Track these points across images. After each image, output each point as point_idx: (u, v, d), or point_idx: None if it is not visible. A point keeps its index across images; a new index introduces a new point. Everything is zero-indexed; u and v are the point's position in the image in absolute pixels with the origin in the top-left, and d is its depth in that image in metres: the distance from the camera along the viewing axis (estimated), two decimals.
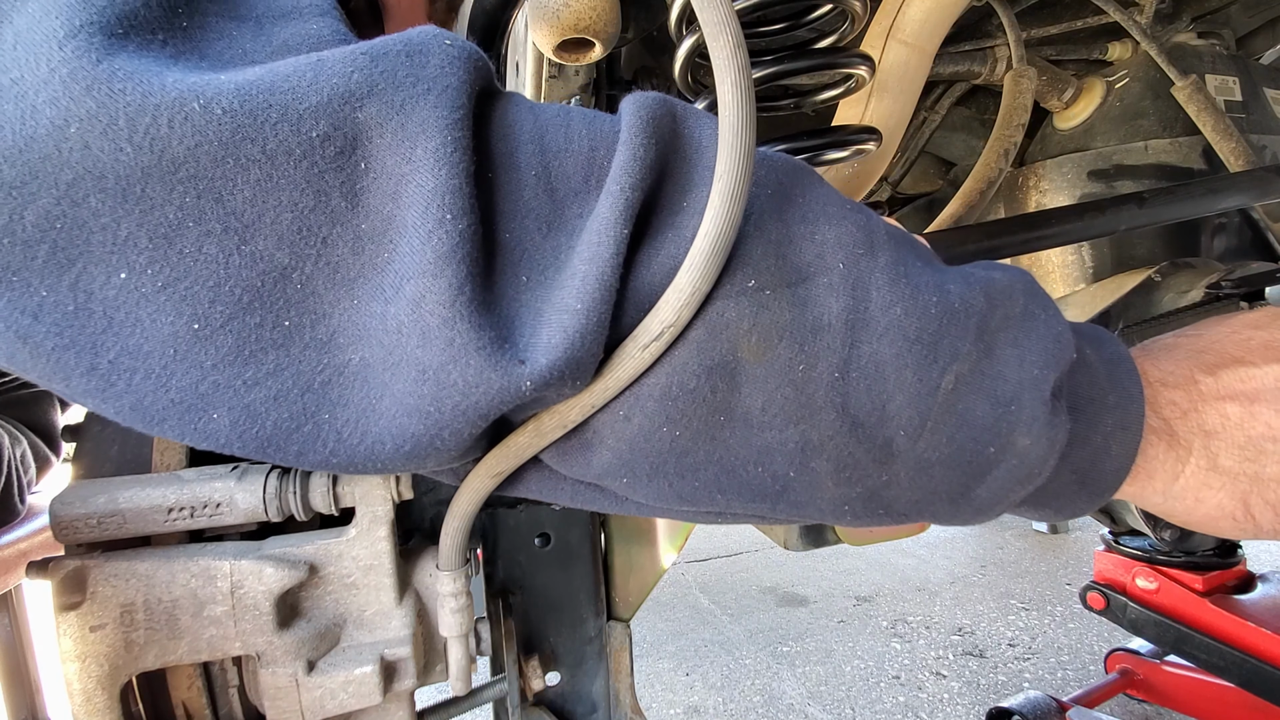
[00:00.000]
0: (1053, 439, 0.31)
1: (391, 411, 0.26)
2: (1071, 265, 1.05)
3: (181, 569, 0.40)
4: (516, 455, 0.31)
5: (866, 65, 0.61)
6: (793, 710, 1.69)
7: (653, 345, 0.27)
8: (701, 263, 0.26)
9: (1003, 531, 2.81)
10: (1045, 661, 1.84)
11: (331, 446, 0.26)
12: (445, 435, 0.26)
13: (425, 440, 0.26)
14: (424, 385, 0.25)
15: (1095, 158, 1.02)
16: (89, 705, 0.39)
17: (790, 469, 0.30)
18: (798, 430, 0.29)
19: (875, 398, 0.29)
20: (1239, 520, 0.35)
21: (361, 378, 0.26)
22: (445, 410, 0.25)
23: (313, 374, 0.25)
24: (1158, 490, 0.35)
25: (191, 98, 0.22)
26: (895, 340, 0.29)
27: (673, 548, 0.64)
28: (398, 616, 0.45)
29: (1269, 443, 0.34)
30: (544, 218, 0.28)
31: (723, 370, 0.28)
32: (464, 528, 0.41)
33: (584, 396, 0.28)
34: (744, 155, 0.27)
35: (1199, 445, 0.34)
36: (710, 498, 0.31)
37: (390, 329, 0.25)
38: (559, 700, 0.66)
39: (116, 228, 0.23)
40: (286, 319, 0.25)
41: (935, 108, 1.17)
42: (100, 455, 0.45)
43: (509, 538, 0.63)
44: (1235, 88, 1.00)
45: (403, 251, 0.25)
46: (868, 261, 0.30)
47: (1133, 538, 1.20)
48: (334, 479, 0.44)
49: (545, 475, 0.33)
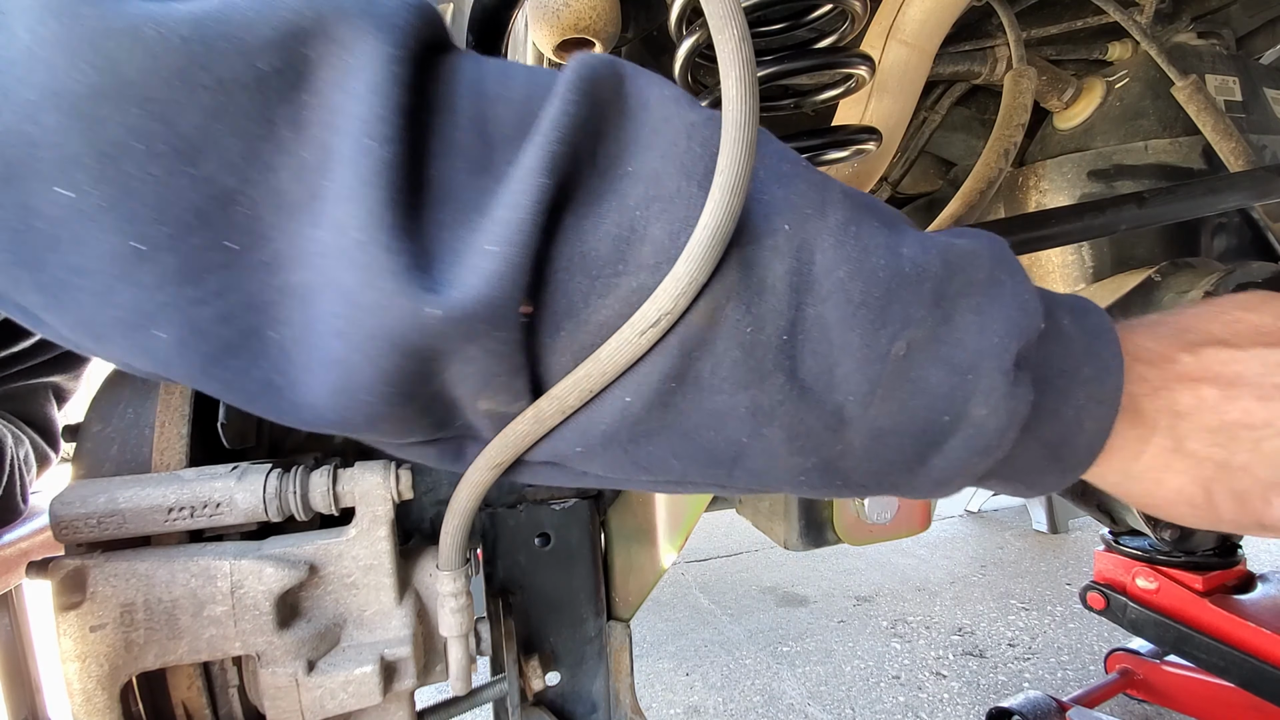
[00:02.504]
0: (1012, 410, 0.30)
1: (321, 332, 0.26)
2: (1071, 265, 1.05)
3: (181, 569, 0.40)
4: (516, 445, 0.31)
5: (866, 65, 0.61)
6: (793, 710, 1.69)
7: (650, 331, 0.27)
8: (700, 253, 0.27)
9: (1003, 531, 2.81)
10: (1045, 661, 1.84)
11: (273, 363, 0.27)
12: (366, 368, 0.26)
13: (352, 371, 0.26)
14: (344, 305, 0.25)
15: (1095, 158, 1.02)
16: (89, 705, 0.39)
17: (743, 434, 0.30)
18: (748, 395, 0.29)
19: (823, 362, 0.29)
20: (1198, 507, 0.34)
21: (301, 297, 0.26)
22: (361, 333, 0.25)
23: (257, 293, 0.26)
24: (1115, 469, 0.34)
25: (148, 23, 0.23)
26: (840, 304, 0.29)
27: (673, 548, 0.64)
28: (398, 616, 0.45)
29: (1243, 429, 0.32)
30: (474, 160, 0.28)
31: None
32: (464, 526, 0.41)
33: (581, 381, 0.28)
34: (746, 149, 0.27)
35: (1165, 425, 0.33)
36: (666, 464, 0.31)
37: (321, 251, 0.26)
38: (559, 700, 0.66)
39: (64, 145, 0.23)
40: (231, 241, 0.25)
41: (935, 108, 1.17)
42: (100, 455, 0.45)
43: (509, 537, 0.63)
44: (1235, 88, 1.00)
45: (334, 178, 0.25)
46: (816, 223, 0.29)
47: (1133, 538, 1.20)
48: (334, 478, 0.44)
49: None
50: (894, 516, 0.56)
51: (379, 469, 0.44)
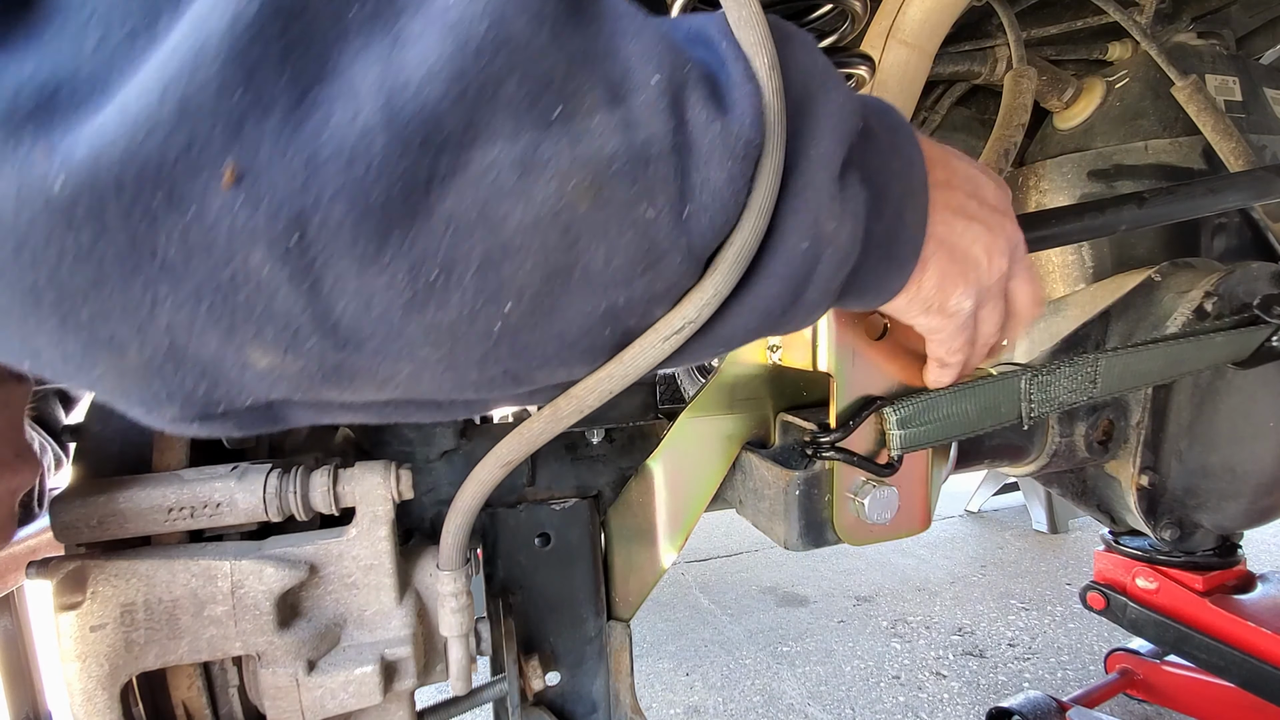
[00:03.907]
0: (855, 213, 0.31)
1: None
2: (1071, 265, 1.05)
3: (182, 569, 0.40)
4: (529, 442, 0.31)
5: (867, 65, 0.61)
6: (793, 710, 1.69)
7: (673, 338, 0.27)
8: (727, 269, 0.27)
9: (1003, 531, 2.81)
10: (1045, 661, 1.84)
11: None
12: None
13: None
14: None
15: (1095, 158, 1.02)
16: (89, 705, 0.39)
17: (641, 323, 0.29)
18: (645, 281, 0.27)
19: (716, 230, 0.28)
20: (914, 280, 0.38)
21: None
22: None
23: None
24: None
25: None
26: (723, 161, 0.27)
27: (673, 547, 0.64)
28: (398, 616, 0.45)
29: (962, 221, 0.39)
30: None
31: (555, 224, 0.25)
32: (466, 525, 0.41)
33: (603, 382, 0.28)
34: (774, 169, 0.27)
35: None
36: (551, 374, 0.29)
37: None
38: (559, 700, 0.66)
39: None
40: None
41: (935, 108, 1.17)
42: (100, 455, 0.45)
43: (509, 537, 0.63)
44: (1235, 88, 1.00)
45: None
46: (680, 74, 0.27)
47: (1133, 538, 1.20)
48: (335, 478, 0.44)
49: (329, 409, 0.29)
50: (894, 516, 0.56)
51: (379, 469, 0.44)
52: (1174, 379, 0.73)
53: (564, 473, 0.67)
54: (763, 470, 0.60)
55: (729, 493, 0.67)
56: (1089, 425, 0.81)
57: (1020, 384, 0.58)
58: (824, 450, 0.55)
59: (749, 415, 0.64)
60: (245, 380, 0.26)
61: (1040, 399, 0.59)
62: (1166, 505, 0.87)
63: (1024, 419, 0.59)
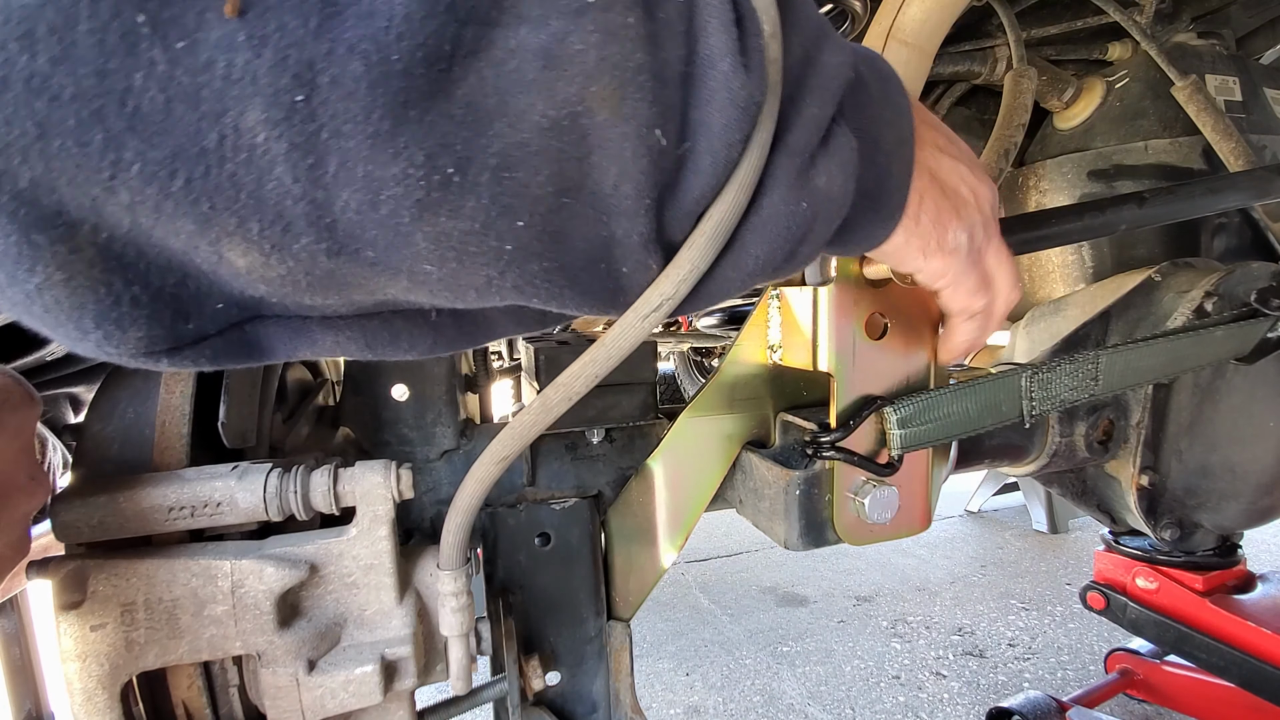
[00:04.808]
0: (844, 163, 0.30)
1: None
2: (1071, 265, 1.05)
3: (182, 568, 0.40)
4: (522, 436, 0.30)
5: None
6: (793, 710, 1.69)
7: (652, 315, 0.27)
8: (704, 243, 0.26)
9: (1003, 531, 2.81)
10: (1045, 661, 1.84)
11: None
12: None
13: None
14: None
15: (1095, 158, 1.02)
16: (89, 704, 0.39)
17: (634, 276, 0.27)
18: (647, 219, 0.25)
19: (718, 180, 0.26)
20: (909, 217, 0.37)
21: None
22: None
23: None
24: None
25: None
26: (724, 108, 0.25)
27: (673, 547, 0.64)
28: (398, 616, 0.45)
29: (950, 160, 0.39)
30: None
31: (572, 129, 0.23)
32: (467, 524, 0.41)
33: (588, 368, 0.28)
34: (759, 150, 0.26)
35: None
36: (547, 302, 0.27)
37: None
38: (559, 700, 0.66)
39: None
40: None
41: (935, 108, 1.17)
42: (101, 455, 0.45)
43: (509, 537, 0.63)
44: (1235, 88, 1.00)
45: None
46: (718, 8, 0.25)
47: (1133, 538, 1.20)
48: (335, 478, 0.44)
49: (308, 326, 0.27)
50: (894, 516, 0.55)
51: (380, 468, 0.44)
52: (1176, 375, 0.73)
53: (564, 472, 0.67)
54: (763, 470, 0.60)
55: (729, 492, 0.67)
56: (1089, 425, 0.81)
57: (1021, 382, 0.58)
58: (824, 450, 0.54)
59: (749, 415, 0.64)
60: (219, 278, 0.22)
61: (1041, 396, 0.59)
62: (1166, 505, 0.87)
63: (1025, 417, 0.59)
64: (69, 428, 0.50)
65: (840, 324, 0.53)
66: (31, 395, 0.40)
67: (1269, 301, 0.75)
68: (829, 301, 0.52)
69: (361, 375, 0.60)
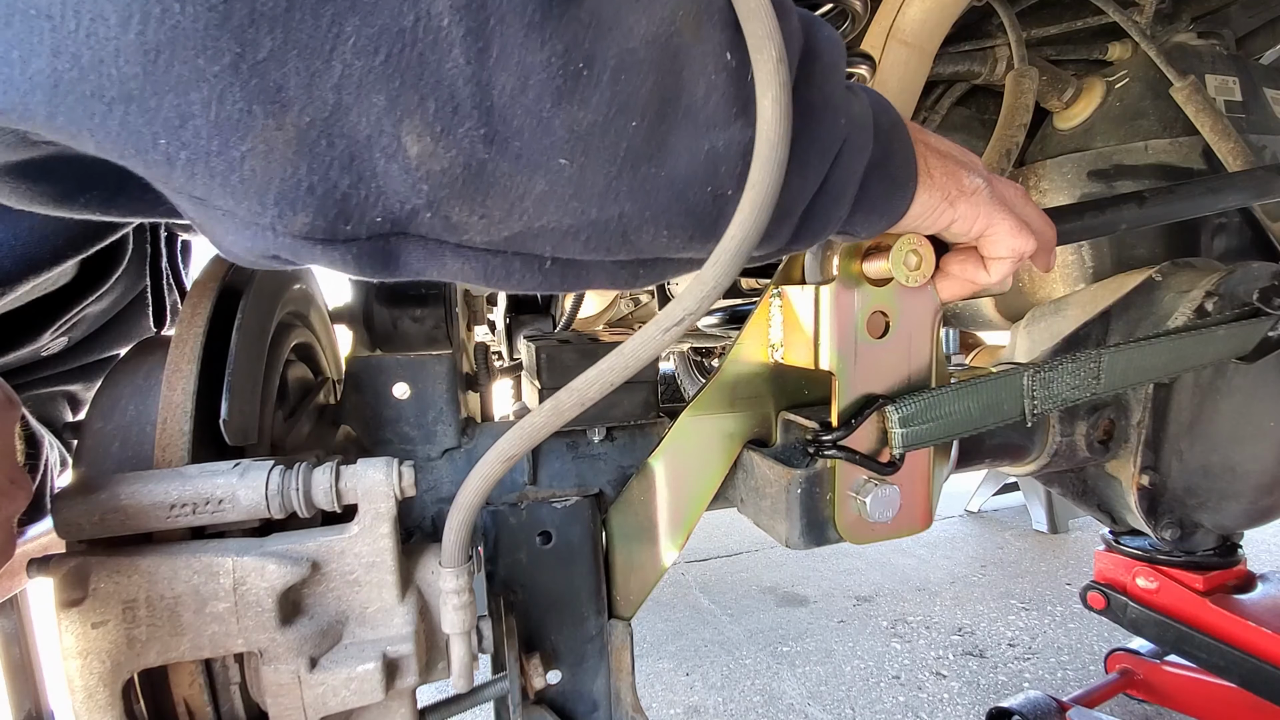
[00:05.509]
0: (863, 106, 0.37)
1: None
2: (1071, 265, 1.05)
3: (184, 565, 0.40)
4: (531, 436, 0.31)
5: (867, 64, 0.61)
6: (793, 710, 1.69)
7: (673, 329, 0.28)
8: (727, 260, 0.27)
9: (1003, 531, 2.81)
10: (1045, 661, 1.84)
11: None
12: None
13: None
14: None
15: (1095, 158, 1.02)
16: (90, 702, 0.39)
17: (729, 186, 0.31)
18: (736, 128, 0.30)
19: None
20: (926, 186, 0.43)
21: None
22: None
23: None
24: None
25: None
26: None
27: (674, 546, 0.64)
28: (400, 614, 0.45)
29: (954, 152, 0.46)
30: None
31: (668, 46, 0.28)
32: (469, 521, 0.41)
33: (605, 374, 0.28)
34: (776, 166, 0.27)
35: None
36: (655, 238, 0.31)
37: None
38: (560, 699, 0.66)
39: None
40: None
41: (935, 108, 1.17)
42: (102, 452, 0.45)
43: (510, 536, 0.63)
44: (1235, 88, 1.00)
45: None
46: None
47: (1133, 537, 1.20)
48: (337, 475, 0.44)
49: (442, 250, 0.30)
50: (895, 515, 0.55)
51: (382, 465, 0.44)
52: (1177, 374, 0.73)
53: (565, 471, 0.67)
54: (764, 469, 0.60)
55: (730, 491, 0.67)
56: (1090, 425, 0.81)
57: (1023, 381, 0.58)
58: (826, 449, 0.54)
59: (750, 414, 0.64)
60: (389, 177, 0.26)
61: (1044, 395, 0.59)
62: (1167, 505, 0.87)
63: (1027, 416, 0.59)
64: (68, 425, 0.49)
65: (842, 322, 0.53)
66: (10, 398, 0.40)
67: (1271, 301, 0.75)
68: (830, 300, 0.53)
69: (363, 373, 0.60)
